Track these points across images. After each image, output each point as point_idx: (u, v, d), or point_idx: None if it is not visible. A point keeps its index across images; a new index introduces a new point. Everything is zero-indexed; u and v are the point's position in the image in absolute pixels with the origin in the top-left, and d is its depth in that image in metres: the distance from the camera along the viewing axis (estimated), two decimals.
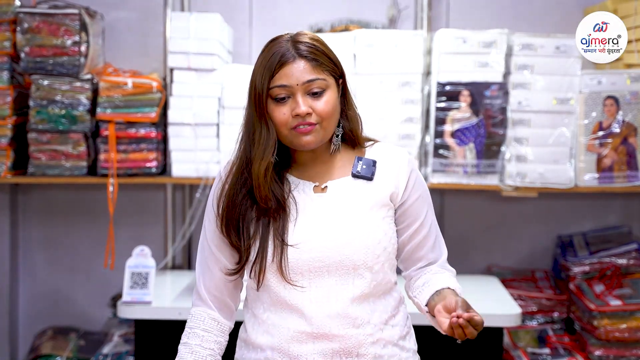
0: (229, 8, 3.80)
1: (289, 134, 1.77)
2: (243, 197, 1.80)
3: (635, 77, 3.32)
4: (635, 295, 3.43)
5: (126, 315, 3.06)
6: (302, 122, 1.75)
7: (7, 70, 3.40)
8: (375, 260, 1.79)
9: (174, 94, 3.45)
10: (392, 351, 1.84)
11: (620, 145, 3.33)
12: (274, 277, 1.78)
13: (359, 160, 1.85)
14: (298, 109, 1.74)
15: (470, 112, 3.35)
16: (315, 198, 1.82)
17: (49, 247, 3.93)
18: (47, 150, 3.41)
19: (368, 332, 1.80)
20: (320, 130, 1.77)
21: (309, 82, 1.75)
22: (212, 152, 3.44)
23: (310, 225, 1.79)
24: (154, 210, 3.88)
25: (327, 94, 1.77)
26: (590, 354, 3.37)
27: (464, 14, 3.81)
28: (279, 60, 1.75)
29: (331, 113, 1.78)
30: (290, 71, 1.75)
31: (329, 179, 1.84)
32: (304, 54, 1.76)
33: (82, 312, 3.93)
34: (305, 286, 1.77)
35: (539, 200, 3.72)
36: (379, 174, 1.85)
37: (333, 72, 1.80)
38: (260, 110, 1.77)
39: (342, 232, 1.78)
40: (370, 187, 1.83)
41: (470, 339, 1.63)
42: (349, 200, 1.81)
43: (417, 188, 1.87)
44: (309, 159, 1.85)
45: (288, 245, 1.76)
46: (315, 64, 1.76)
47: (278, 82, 1.75)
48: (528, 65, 3.36)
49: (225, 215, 1.82)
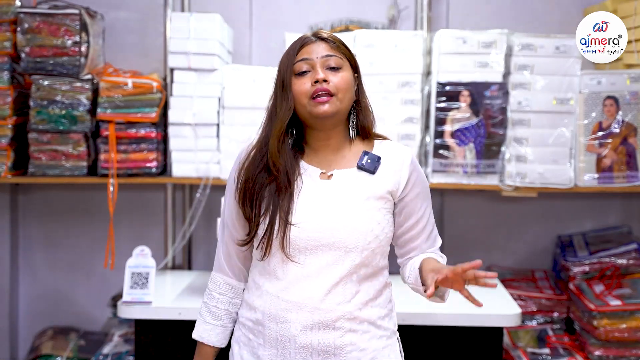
0: (229, 8, 3.80)
1: (307, 104, 1.95)
2: (260, 172, 1.99)
3: (635, 77, 3.32)
4: (635, 295, 3.43)
5: (126, 315, 3.06)
6: (320, 87, 1.93)
7: (7, 71, 3.40)
8: (365, 245, 1.95)
9: (174, 94, 3.45)
10: (366, 328, 1.99)
11: (620, 146, 3.33)
12: (277, 251, 1.97)
13: (365, 154, 2.02)
14: (317, 75, 1.94)
15: (470, 112, 3.35)
16: (320, 183, 2.00)
17: (49, 247, 3.93)
18: (47, 150, 3.41)
19: (347, 309, 1.96)
20: (337, 101, 1.95)
21: (328, 56, 1.97)
22: (212, 152, 3.44)
23: (311, 207, 1.96)
24: (154, 210, 3.89)
25: (343, 71, 1.98)
26: (590, 354, 3.38)
27: (464, 14, 3.82)
28: (301, 43, 2.00)
29: (346, 87, 1.97)
30: (311, 48, 1.98)
31: (336, 167, 2.02)
32: (323, 37, 2.01)
33: (82, 312, 3.94)
34: (302, 262, 1.95)
35: (539, 200, 3.72)
36: (382, 169, 2.01)
37: (349, 59, 2.02)
38: (282, 88, 1.98)
39: (338, 216, 1.95)
40: (371, 180, 2.00)
41: (492, 288, 1.77)
42: (350, 189, 1.98)
43: (417, 185, 2.04)
44: (322, 145, 2.02)
45: (290, 225, 1.94)
46: (333, 45, 2.00)
47: (300, 57, 1.97)
48: (528, 66, 3.36)
49: (243, 188, 2.00)
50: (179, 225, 3.78)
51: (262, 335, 2.01)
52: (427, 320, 2.96)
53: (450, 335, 3.01)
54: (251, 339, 2.04)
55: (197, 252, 3.92)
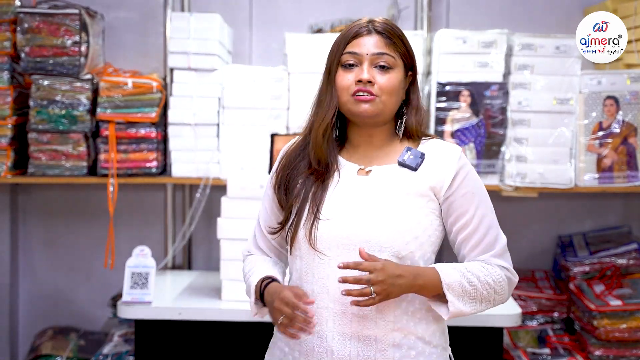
0: (229, 8, 3.80)
1: (348, 101, 1.83)
2: (299, 158, 1.90)
3: (635, 77, 3.32)
4: (635, 295, 3.43)
5: (126, 315, 3.06)
6: (362, 88, 1.81)
7: (7, 70, 3.40)
8: (403, 246, 1.79)
9: (174, 94, 3.45)
10: (412, 342, 1.82)
11: (620, 145, 3.33)
12: (304, 245, 1.83)
13: (407, 150, 1.87)
14: (361, 75, 1.81)
15: (470, 112, 3.35)
16: (357, 179, 1.86)
17: (49, 247, 3.93)
18: (47, 150, 3.41)
19: (390, 318, 1.79)
20: (380, 103, 1.82)
21: (378, 54, 1.82)
22: (212, 152, 3.44)
23: (344, 202, 1.83)
24: (154, 210, 3.88)
25: (392, 72, 1.83)
26: (590, 354, 3.37)
27: (464, 14, 3.81)
28: (355, 32, 1.84)
29: (392, 90, 1.83)
30: (363, 41, 1.83)
31: (376, 164, 1.88)
32: (379, 29, 1.84)
33: (82, 312, 3.93)
34: (332, 259, 1.79)
35: (539, 200, 3.72)
36: (425, 166, 1.85)
37: (404, 57, 1.87)
38: (330, 78, 1.86)
39: (372, 212, 1.80)
40: (412, 177, 1.84)
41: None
42: (388, 186, 1.84)
43: (465, 185, 1.86)
44: (364, 142, 1.90)
45: (319, 219, 1.81)
46: (388, 41, 1.84)
47: (350, 49, 1.83)
48: (528, 65, 3.36)
49: (280, 172, 1.92)
50: (179, 225, 3.78)
51: (299, 347, 1.84)
52: None
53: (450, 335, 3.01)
54: (287, 352, 1.88)
55: (197, 252, 3.91)
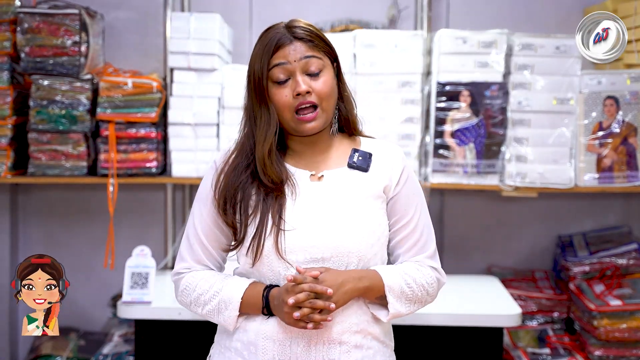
0: (229, 8, 3.80)
1: (291, 120, 1.82)
2: (245, 179, 1.84)
3: (635, 77, 3.32)
4: (635, 295, 3.43)
5: (126, 315, 3.06)
6: (302, 101, 1.80)
7: (7, 70, 3.40)
8: (368, 249, 1.83)
9: (174, 94, 3.45)
10: (372, 343, 1.86)
11: (620, 145, 3.33)
12: (273, 256, 1.81)
13: (355, 151, 1.89)
14: (299, 88, 1.80)
15: (470, 112, 3.35)
16: (312, 186, 1.86)
17: (49, 247, 3.93)
18: (47, 150, 3.41)
19: (353, 320, 1.83)
20: (323, 114, 1.83)
21: (307, 58, 1.82)
22: (212, 152, 3.44)
23: (308, 212, 1.83)
24: (154, 210, 3.88)
25: (324, 74, 1.83)
26: (590, 354, 3.37)
27: (464, 14, 3.81)
28: (276, 44, 1.83)
29: (329, 93, 1.84)
30: (287, 51, 1.82)
31: (325, 168, 1.89)
32: (299, 35, 1.84)
33: (82, 312, 3.93)
34: (301, 270, 1.78)
35: (539, 200, 3.72)
36: (374, 166, 1.89)
37: (328, 54, 1.87)
38: (260, 95, 1.83)
39: (338, 220, 1.82)
40: (365, 178, 1.87)
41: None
42: (345, 190, 1.85)
43: (408, 185, 1.91)
44: (306, 147, 1.90)
45: (285, 231, 1.80)
46: (311, 44, 1.84)
47: (276, 61, 1.82)
48: (528, 66, 3.36)
49: (222, 193, 1.85)
50: (179, 225, 3.78)
51: (255, 358, 1.81)
52: (427, 320, 2.95)
53: (450, 335, 3.01)
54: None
55: None
